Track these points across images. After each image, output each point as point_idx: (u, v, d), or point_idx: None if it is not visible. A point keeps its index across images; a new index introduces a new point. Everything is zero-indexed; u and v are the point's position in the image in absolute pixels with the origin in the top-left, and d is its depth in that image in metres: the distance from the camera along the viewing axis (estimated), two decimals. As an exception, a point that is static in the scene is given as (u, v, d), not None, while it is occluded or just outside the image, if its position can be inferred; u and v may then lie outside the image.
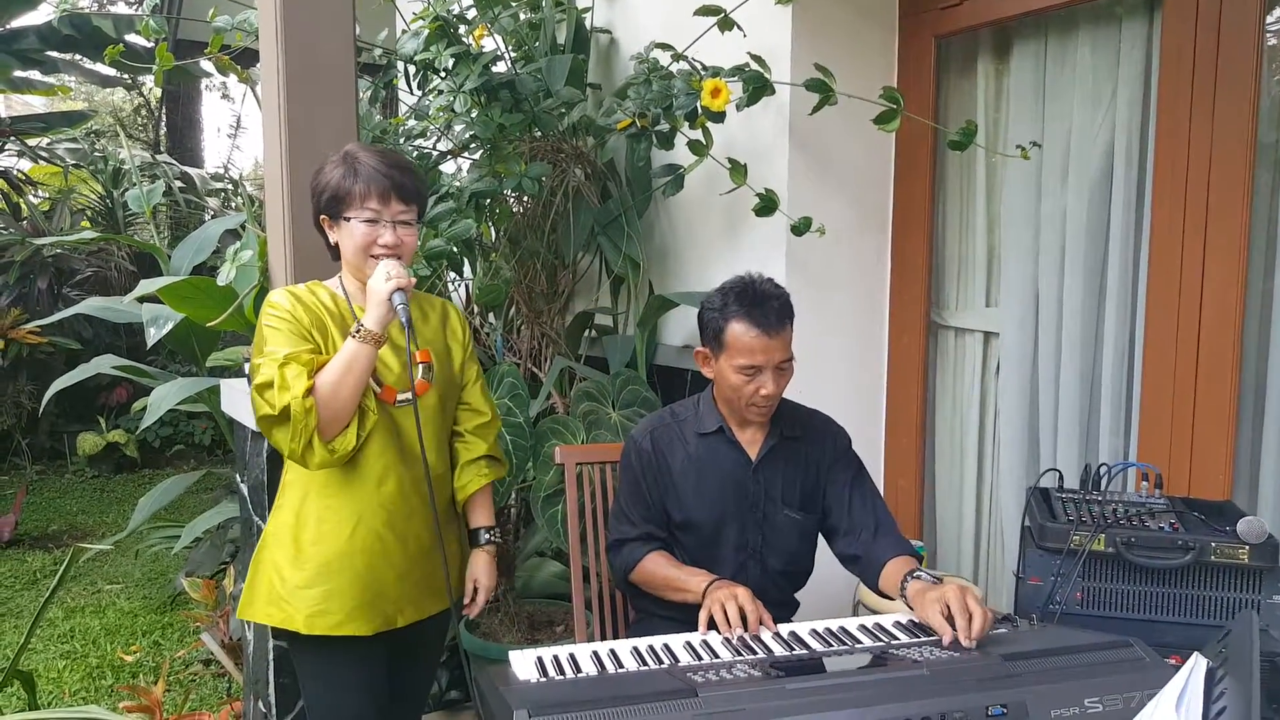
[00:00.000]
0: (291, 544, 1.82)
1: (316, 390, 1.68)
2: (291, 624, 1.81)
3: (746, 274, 1.95)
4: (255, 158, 12.45)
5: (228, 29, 2.86)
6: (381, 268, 1.74)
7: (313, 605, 1.80)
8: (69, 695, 3.32)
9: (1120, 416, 2.44)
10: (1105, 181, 2.43)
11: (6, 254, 6.40)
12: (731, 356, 1.89)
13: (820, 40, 2.69)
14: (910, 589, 1.76)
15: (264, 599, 1.84)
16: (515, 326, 3.29)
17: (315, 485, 1.83)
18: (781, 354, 1.88)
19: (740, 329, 1.86)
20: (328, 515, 1.82)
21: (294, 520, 1.83)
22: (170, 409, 3.10)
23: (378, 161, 1.78)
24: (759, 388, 1.89)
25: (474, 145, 2.97)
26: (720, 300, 1.91)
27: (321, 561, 1.81)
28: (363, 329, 1.71)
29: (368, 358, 1.72)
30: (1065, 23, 2.50)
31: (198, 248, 3.74)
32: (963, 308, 2.84)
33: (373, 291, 1.72)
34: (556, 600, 3.13)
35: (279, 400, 1.67)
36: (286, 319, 1.77)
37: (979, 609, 1.58)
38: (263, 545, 1.88)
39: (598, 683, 1.43)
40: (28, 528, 5.22)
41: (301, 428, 1.68)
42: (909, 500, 2.92)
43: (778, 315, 1.87)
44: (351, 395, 1.71)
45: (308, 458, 1.72)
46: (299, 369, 1.69)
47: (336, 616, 1.80)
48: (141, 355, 5.43)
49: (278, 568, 1.83)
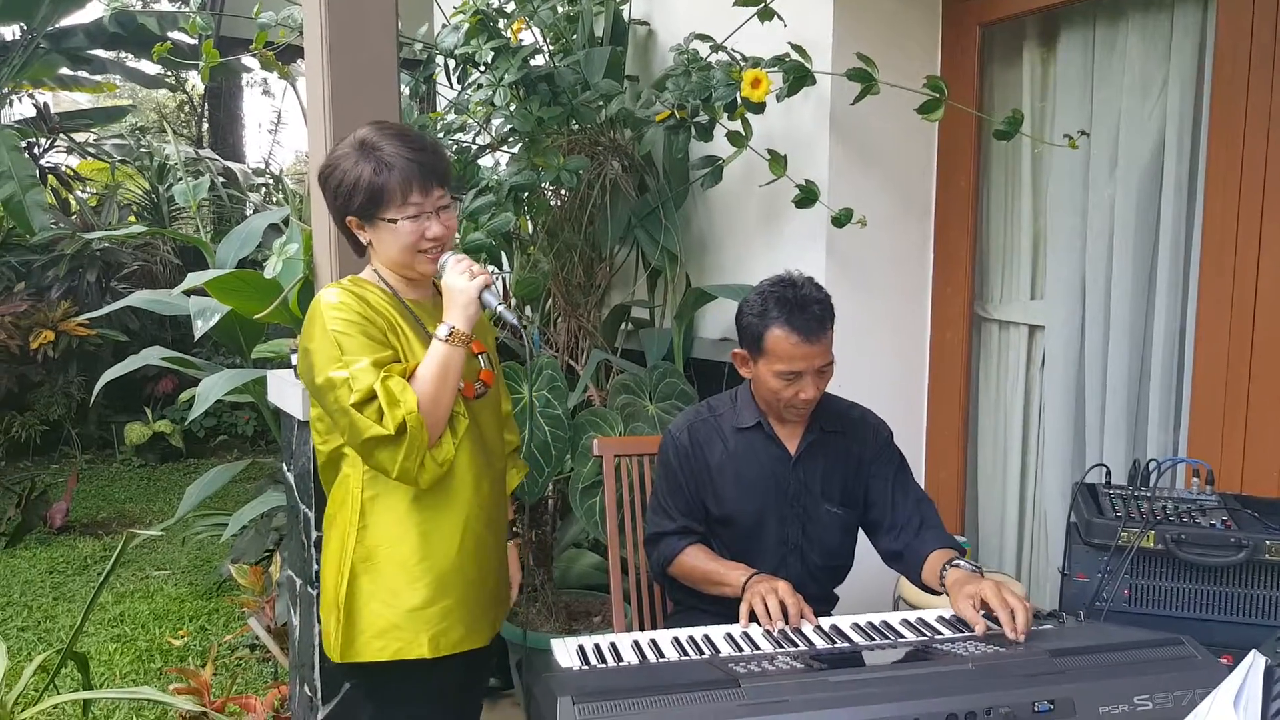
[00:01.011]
0: (395, 566, 1.67)
1: (419, 402, 1.55)
2: (413, 651, 1.65)
3: (787, 274, 1.90)
4: (295, 152, 12.60)
5: (271, 25, 2.90)
6: (458, 265, 1.63)
7: (435, 625, 1.67)
8: (120, 677, 3.40)
9: (1170, 411, 2.39)
10: (1155, 170, 2.38)
11: (57, 248, 6.55)
12: (771, 362, 1.86)
13: (862, 29, 2.66)
14: (950, 577, 1.76)
15: (370, 634, 1.67)
16: (552, 319, 3.31)
17: (407, 500, 1.67)
18: (822, 359, 1.85)
19: (780, 335, 1.82)
20: (432, 528, 1.68)
21: (390, 543, 1.67)
22: (215, 400, 3.15)
23: (404, 148, 1.61)
24: (798, 392, 1.86)
25: (512, 139, 2.98)
26: (760, 305, 1.86)
27: (436, 577, 1.68)
28: (454, 331, 1.59)
29: (460, 361, 1.60)
30: (1114, 9, 2.45)
31: (242, 241, 3.79)
32: (1007, 300, 2.80)
33: (459, 291, 1.61)
34: (594, 591, 3.14)
35: (394, 417, 1.52)
36: (357, 321, 1.61)
37: (1020, 603, 1.57)
38: (351, 578, 1.68)
39: (640, 671, 1.43)
40: (78, 515, 5.35)
41: (418, 444, 1.55)
42: (951, 495, 2.89)
43: (819, 320, 1.83)
44: (449, 402, 1.61)
45: (421, 476, 1.59)
46: (401, 381, 1.56)
47: (459, 632, 1.70)
48: (187, 347, 5.52)
49: (381, 596, 1.66)
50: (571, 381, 3.03)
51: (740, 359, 1.95)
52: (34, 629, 3.85)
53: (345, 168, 1.63)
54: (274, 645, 3.16)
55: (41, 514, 5.06)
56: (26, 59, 6.92)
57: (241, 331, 3.72)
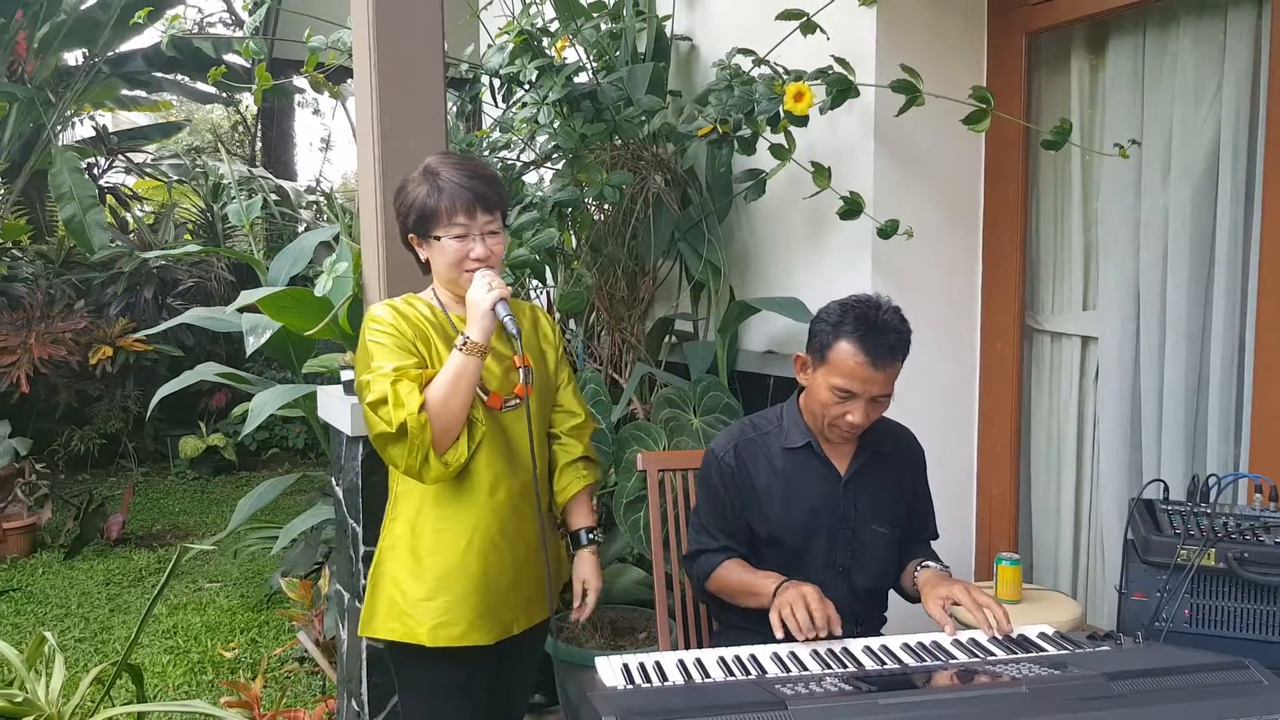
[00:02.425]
0: (409, 557, 1.83)
1: (428, 405, 1.69)
2: (415, 637, 1.80)
3: (875, 296, 1.86)
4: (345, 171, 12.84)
5: (322, 49, 2.96)
6: (480, 279, 1.75)
7: (436, 617, 1.80)
8: (173, 689, 3.47)
9: (1230, 424, 2.33)
10: (1210, 177, 2.32)
11: (115, 266, 6.73)
12: (830, 374, 1.82)
13: (905, 40, 2.64)
14: (920, 577, 1.88)
15: (385, 614, 1.84)
16: (596, 333, 3.32)
17: (429, 498, 1.84)
18: (881, 389, 1.81)
19: (848, 350, 1.79)
20: (444, 526, 1.83)
21: (409, 534, 1.84)
22: (267, 415, 3.21)
23: (459, 174, 1.78)
24: (847, 413, 1.83)
25: (556, 155, 3.00)
26: (838, 314, 1.83)
27: (440, 573, 1.82)
28: (468, 341, 1.72)
29: (474, 369, 1.73)
30: (1164, 14, 2.40)
31: (294, 259, 3.86)
32: (1059, 311, 2.75)
33: (475, 303, 1.73)
34: (639, 607, 3.13)
35: (395, 417, 1.68)
36: (390, 332, 1.78)
37: (991, 602, 1.67)
38: (379, 561, 1.89)
39: (684, 692, 1.42)
40: (133, 527, 5.48)
41: (418, 443, 1.69)
42: (1004, 512, 2.83)
43: (890, 349, 1.79)
44: (461, 407, 1.72)
45: (424, 473, 1.73)
46: (410, 385, 1.70)
47: (460, 627, 1.81)
48: (240, 362, 5.64)
49: (397, 582, 1.84)
50: (616, 394, 3.03)
51: (801, 363, 1.93)
52: (90, 640, 3.94)
53: (409, 189, 1.82)
54: (322, 659, 3.20)
55: (99, 526, 5.18)
56: (89, 83, 7.15)
57: (293, 347, 3.78)
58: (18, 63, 6.71)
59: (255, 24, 3.05)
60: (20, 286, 6.51)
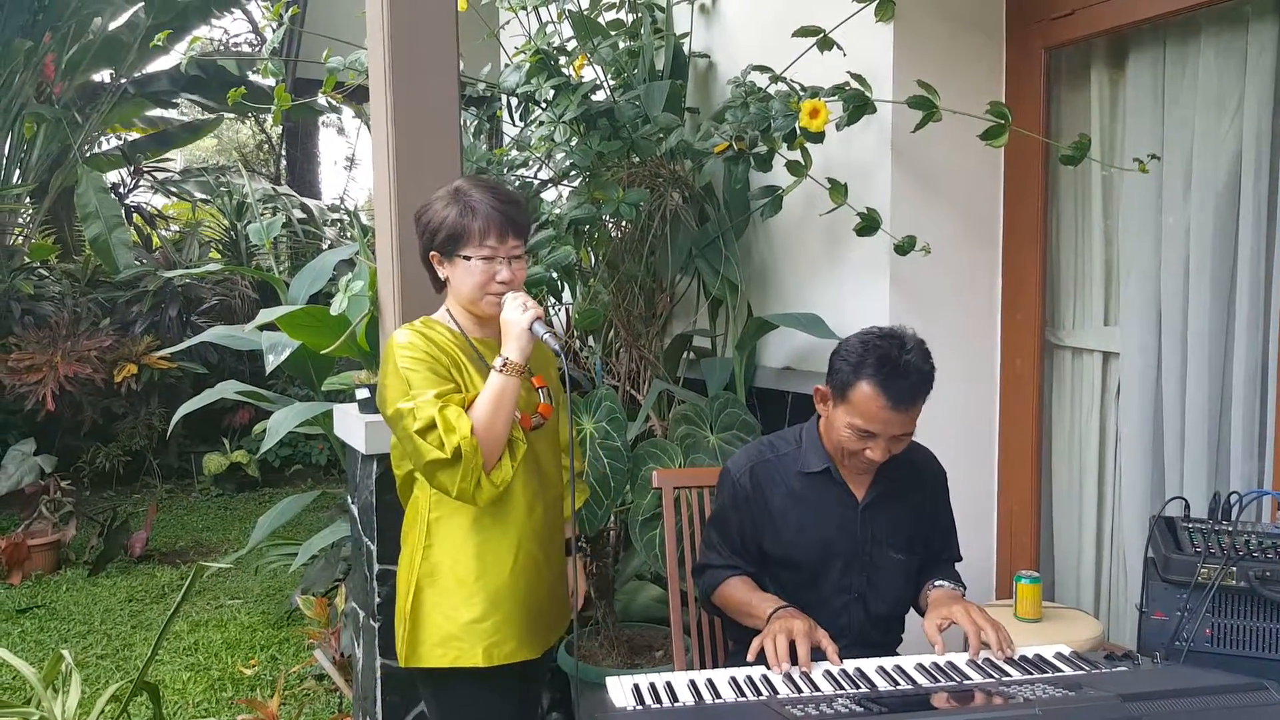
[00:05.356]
0: (454, 583, 1.83)
1: (475, 428, 1.70)
2: (469, 660, 1.82)
3: (899, 331, 1.81)
4: (368, 189, 12.96)
5: (340, 69, 2.99)
6: (514, 300, 1.77)
7: (489, 637, 1.82)
8: (192, 706, 3.48)
9: (1253, 441, 2.29)
10: (1232, 192, 2.30)
11: (140, 284, 6.82)
12: (850, 414, 1.79)
13: (922, 56, 2.63)
14: (931, 596, 1.87)
15: (432, 642, 1.84)
16: (614, 349, 3.31)
17: (468, 521, 1.83)
18: (902, 429, 1.78)
19: (868, 393, 1.75)
20: (488, 549, 1.83)
21: (450, 560, 1.84)
22: (289, 430, 3.23)
23: (491, 198, 1.79)
24: (866, 449, 1.81)
25: (573, 173, 3.02)
26: (859, 353, 1.77)
27: (490, 593, 1.83)
28: (508, 362, 1.73)
29: (515, 390, 1.74)
30: (1185, 28, 2.38)
31: (314, 277, 3.89)
32: (1079, 326, 2.72)
33: (512, 324, 1.75)
34: (656, 624, 3.11)
35: (449, 442, 1.68)
36: (423, 358, 1.77)
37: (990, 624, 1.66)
38: (416, 590, 1.85)
39: (695, 713, 1.41)
40: (157, 543, 5.52)
41: (471, 466, 1.69)
42: (1024, 530, 2.80)
43: (911, 392, 1.75)
44: (505, 428, 1.74)
45: (477, 495, 1.74)
46: (457, 409, 1.71)
47: (511, 644, 1.84)
48: (262, 380, 5.68)
49: (442, 609, 1.83)
50: (633, 412, 3.03)
51: (821, 396, 1.90)
52: (112, 657, 3.97)
53: (437, 208, 1.83)
54: (338, 677, 3.20)
55: (123, 543, 5.22)
56: (115, 103, 7.27)
57: (312, 365, 3.81)
58: (45, 84, 6.84)
59: (274, 45, 3.09)
60: (47, 305, 6.61)
